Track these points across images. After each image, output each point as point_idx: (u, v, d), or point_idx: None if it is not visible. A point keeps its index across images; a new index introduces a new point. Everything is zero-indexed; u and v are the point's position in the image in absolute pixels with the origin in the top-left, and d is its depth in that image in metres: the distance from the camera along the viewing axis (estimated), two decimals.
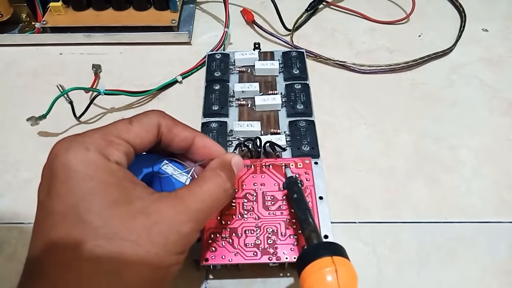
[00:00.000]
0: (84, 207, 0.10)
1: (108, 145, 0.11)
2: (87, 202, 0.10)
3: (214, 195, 0.12)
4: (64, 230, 0.10)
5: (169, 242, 0.11)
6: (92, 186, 0.11)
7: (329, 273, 0.11)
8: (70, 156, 0.11)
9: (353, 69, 0.25)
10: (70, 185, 0.11)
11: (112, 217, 0.10)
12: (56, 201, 0.11)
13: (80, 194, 0.10)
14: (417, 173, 0.20)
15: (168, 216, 0.11)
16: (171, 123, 0.13)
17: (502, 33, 0.27)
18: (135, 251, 0.10)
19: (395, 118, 0.22)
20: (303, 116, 0.20)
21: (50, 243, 0.10)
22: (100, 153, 0.11)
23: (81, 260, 0.10)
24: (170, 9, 0.26)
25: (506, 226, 0.18)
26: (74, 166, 0.11)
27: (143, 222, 0.11)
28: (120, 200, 0.11)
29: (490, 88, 0.24)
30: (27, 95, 0.24)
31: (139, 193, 0.11)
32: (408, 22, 0.28)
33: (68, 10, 0.26)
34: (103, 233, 0.10)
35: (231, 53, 0.23)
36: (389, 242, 0.17)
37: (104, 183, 0.11)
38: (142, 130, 0.12)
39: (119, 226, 0.10)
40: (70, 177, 0.11)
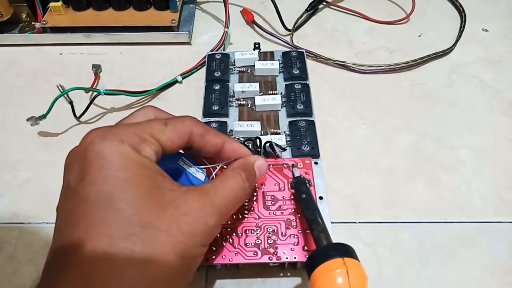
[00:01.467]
0: (119, 196, 0.11)
1: (141, 142, 0.12)
2: (121, 191, 0.11)
3: (234, 192, 0.13)
4: (98, 217, 0.10)
5: (197, 233, 0.11)
6: (126, 177, 0.11)
7: (340, 275, 0.11)
8: (105, 146, 0.11)
9: (353, 69, 0.25)
10: (104, 173, 0.11)
11: (145, 207, 0.11)
12: (90, 188, 0.11)
13: (115, 183, 0.11)
14: (417, 173, 0.20)
15: (195, 208, 0.12)
16: (203, 131, 0.14)
17: (502, 33, 0.27)
18: (166, 240, 0.11)
19: (395, 118, 0.22)
20: (303, 116, 0.20)
21: (84, 230, 0.10)
22: (133, 147, 0.11)
23: (116, 247, 0.10)
24: (170, 9, 0.26)
25: (506, 226, 0.18)
26: (109, 156, 0.11)
27: (173, 213, 0.11)
28: (152, 191, 0.11)
29: (490, 88, 0.24)
30: (27, 95, 0.24)
31: (168, 185, 0.12)
32: (408, 22, 0.28)
33: (68, 10, 0.26)
34: (137, 222, 0.10)
35: (231, 53, 0.23)
36: (389, 242, 0.17)
37: (137, 175, 0.11)
38: (175, 135, 0.13)
39: (152, 215, 0.11)
40: (105, 166, 0.11)
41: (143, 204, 0.11)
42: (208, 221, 0.12)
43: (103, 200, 0.11)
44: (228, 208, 0.13)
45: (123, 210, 0.10)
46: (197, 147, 0.14)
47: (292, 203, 0.16)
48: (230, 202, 0.13)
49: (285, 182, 0.17)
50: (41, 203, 0.19)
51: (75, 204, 0.11)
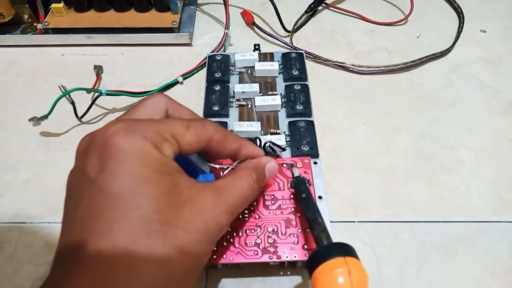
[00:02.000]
0: (140, 192, 0.11)
1: (163, 141, 0.12)
2: (143, 187, 0.11)
3: (245, 192, 0.13)
4: (120, 212, 0.10)
5: (210, 231, 0.12)
6: (148, 173, 0.11)
7: (342, 274, 0.12)
8: (128, 140, 0.11)
9: (352, 70, 0.25)
10: (126, 167, 0.11)
11: (165, 204, 0.11)
12: (111, 181, 0.10)
13: (138, 178, 0.11)
14: (417, 173, 0.20)
15: (210, 206, 0.12)
16: (223, 138, 0.14)
17: (501, 34, 0.27)
18: (183, 237, 0.11)
19: (394, 118, 0.22)
20: (303, 117, 0.21)
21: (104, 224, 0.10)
22: (155, 145, 0.11)
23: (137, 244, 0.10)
24: (171, 11, 0.27)
25: (506, 226, 0.18)
26: (132, 151, 0.11)
27: (190, 210, 0.11)
28: (171, 189, 0.11)
29: (489, 88, 0.24)
30: (28, 95, 0.24)
31: (185, 182, 0.12)
32: (406, 23, 0.28)
33: (69, 11, 0.27)
34: (157, 218, 0.10)
35: (231, 54, 0.24)
36: (389, 242, 0.18)
37: (158, 172, 0.11)
38: (195, 140, 0.13)
39: (171, 213, 0.11)
40: (127, 160, 0.11)
41: (164, 201, 0.11)
42: (221, 219, 0.12)
43: (125, 194, 0.10)
44: (238, 207, 0.13)
45: (144, 207, 0.10)
46: (215, 152, 0.14)
47: (292, 202, 0.17)
48: (240, 202, 0.13)
49: (285, 182, 0.17)
50: (41, 203, 0.19)
51: (95, 195, 0.11)
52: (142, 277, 0.10)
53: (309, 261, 0.13)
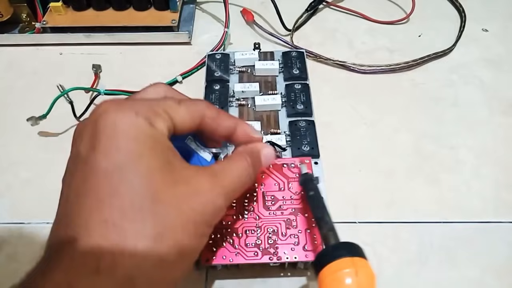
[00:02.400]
0: (131, 168, 0.10)
1: (155, 115, 0.11)
2: (134, 163, 0.10)
3: (240, 175, 0.13)
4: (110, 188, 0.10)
5: (206, 212, 0.11)
6: (140, 149, 0.10)
7: (349, 275, 0.11)
8: (119, 116, 0.11)
9: (353, 69, 0.25)
10: (117, 143, 0.10)
11: (157, 181, 0.10)
12: (101, 157, 0.10)
13: (128, 154, 0.10)
14: (417, 173, 0.20)
15: (206, 188, 0.11)
16: (216, 114, 0.13)
17: (502, 33, 0.27)
18: (177, 216, 0.10)
19: (395, 118, 0.22)
20: (303, 116, 0.20)
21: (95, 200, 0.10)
22: (148, 121, 0.11)
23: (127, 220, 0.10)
24: (170, 9, 0.26)
25: (506, 226, 0.18)
26: (123, 126, 0.11)
27: (184, 190, 0.11)
28: (164, 166, 0.11)
29: (490, 88, 0.24)
30: (27, 95, 0.24)
31: (179, 163, 0.12)
32: (408, 22, 0.28)
33: (68, 10, 0.26)
34: (149, 195, 0.10)
35: (231, 53, 0.23)
36: (389, 242, 0.17)
37: (150, 148, 0.11)
38: (188, 115, 0.12)
39: (163, 190, 0.10)
40: (118, 136, 0.10)
41: (156, 178, 0.10)
42: (217, 201, 0.12)
43: (116, 170, 0.10)
44: (234, 191, 0.13)
45: (135, 182, 0.10)
46: (209, 130, 0.13)
47: (293, 202, 0.16)
48: (236, 185, 0.13)
49: (285, 182, 0.17)
50: (41, 203, 0.19)
51: (86, 173, 0.10)
52: (134, 254, 0.10)
53: (315, 261, 0.13)
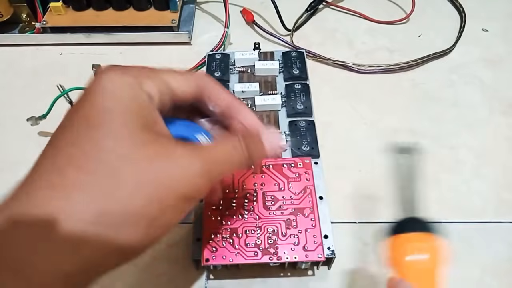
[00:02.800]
0: (98, 121, 0.10)
1: (146, 77, 0.11)
2: (102, 117, 0.10)
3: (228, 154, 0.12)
4: (70, 136, 0.10)
5: (172, 176, 0.10)
6: (114, 106, 0.10)
7: (432, 253, 0.11)
8: (105, 76, 0.11)
9: (353, 69, 0.25)
10: (93, 99, 0.10)
11: (120, 137, 0.10)
12: (75, 113, 0.11)
13: (99, 109, 0.10)
14: (417, 173, 0.20)
15: (176, 153, 0.11)
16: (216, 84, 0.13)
17: (502, 33, 0.27)
18: (132, 173, 0.10)
19: (395, 118, 0.22)
20: (303, 116, 0.20)
21: (53, 149, 0.10)
22: (135, 79, 0.11)
23: (74, 167, 0.10)
24: (170, 9, 0.26)
25: (506, 226, 0.18)
26: (105, 84, 0.11)
27: (150, 150, 0.10)
28: (135, 125, 0.10)
29: (490, 88, 0.24)
30: (27, 95, 0.24)
31: (157, 128, 0.11)
32: (408, 22, 0.28)
33: (68, 10, 0.26)
34: (105, 147, 0.10)
35: (231, 53, 0.23)
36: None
37: (126, 105, 0.10)
38: (184, 80, 0.12)
39: (124, 146, 0.10)
40: (96, 94, 0.10)
41: (120, 134, 0.10)
42: (189, 167, 0.11)
43: (81, 123, 0.10)
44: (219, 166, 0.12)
45: (95, 135, 0.10)
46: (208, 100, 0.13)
47: (292, 202, 0.16)
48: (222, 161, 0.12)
49: (285, 182, 0.17)
50: None
51: (59, 128, 0.11)
52: (68, 201, 0.09)
53: (403, 222, 0.13)
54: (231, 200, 0.16)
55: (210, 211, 0.16)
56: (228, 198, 0.16)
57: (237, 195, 0.17)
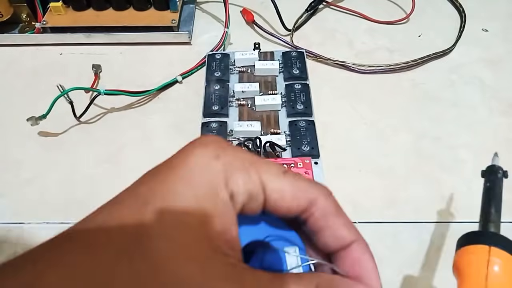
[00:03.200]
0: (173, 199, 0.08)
1: (239, 170, 0.08)
2: (177, 198, 0.08)
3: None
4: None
5: None
6: (188, 196, 0.08)
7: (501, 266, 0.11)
8: (196, 151, 0.08)
9: (353, 69, 0.25)
10: (174, 176, 0.08)
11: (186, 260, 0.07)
12: (158, 183, 0.08)
13: (163, 198, 0.08)
14: (417, 173, 0.20)
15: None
16: (331, 210, 0.09)
17: (502, 33, 0.27)
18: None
19: (395, 118, 0.22)
20: (303, 116, 0.20)
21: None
22: (224, 170, 0.08)
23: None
24: (170, 9, 0.26)
25: (506, 226, 0.18)
26: (190, 164, 0.08)
27: (229, 285, 0.07)
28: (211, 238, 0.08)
29: (490, 88, 0.24)
30: (27, 95, 0.24)
31: (230, 247, 0.08)
32: (408, 22, 0.28)
33: (68, 10, 0.26)
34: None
35: (231, 53, 0.23)
36: (389, 242, 0.17)
37: (201, 201, 0.08)
38: (290, 190, 0.09)
39: (193, 272, 0.07)
40: (178, 169, 0.08)
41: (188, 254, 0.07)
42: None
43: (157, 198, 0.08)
44: None
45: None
46: (313, 227, 0.09)
47: None
48: None
49: None
50: (41, 203, 0.19)
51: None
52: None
53: (477, 233, 0.12)
54: None
55: None
56: None
57: None
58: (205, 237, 0.08)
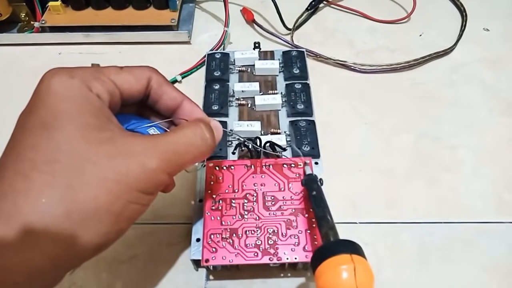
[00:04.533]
0: (54, 124, 0.11)
1: (94, 79, 0.12)
2: (58, 120, 0.11)
3: (190, 140, 0.12)
4: (29, 142, 0.11)
5: (131, 173, 0.11)
6: (68, 108, 0.11)
7: (347, 270, 0.11)
8: (54, 80, 0.11)
9: (354, 68, 0.24)
10: (46, 103, 0.11)
11: (78, 138, 0.11)
12: (30, 117, 0.11)
13: (54, 112, 0.11)
14: (417, 173, 0.20)
15: (134, 149, 0.11)
16: (162, 81, 0.13)
17: (503, 33, 0.27)
18: (93, 173, 0.10)
19: (396, 117, 0.22)
20: (304, 116, 0.20)
21: (13, 153, 0.11)
22: (84, 83, 0.11)
23: (37, 171, 0.10)
24: (169, 8, 0.26)
25: (506, 226, 0.18)
26: (55, 87, 0.11)
27: (108, 149, 0.11)
28: (91, 126, 0.11)
29: (490, 87, 0.24)
30: (26, 94, 0.24)
31: (112, 127, 0.11)
32: (409, 21, 0.28)
33: (67, 10, 0.26)
34: (65, 149, 0.10)
35: (231, 53, 0.23)
36: (389, 242, 0.17)
37: (79, 107, 0.11)
38: (132, 77, 0.12)
39: (83, 147, 0.11)
40: (48, 97, 0.11)
41: (77, 135, 0.11)
42: (147, 163, 0.11)
43: (38, 127, 0.11)
44: (180, 156, 0.12)
45: (54, 138, 0.10)
46: (154, 97, 0.13)
47: (293, 203, 0.16)
48: (183, 150, 0.12)
49: (285, 182, 0.17)
50: None
51: (15, 132, 0.11)
52: (38, 202, 0.10)
53: (314, 256, 0.13)
54: (231, 200, 0.16)
55: (209, 211, 0.16)
56: (228, 198, 0.16)
57: (237, 195, 0.17)
58: (96, 127, 0.11)
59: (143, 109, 0.14)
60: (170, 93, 0.13)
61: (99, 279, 0.16)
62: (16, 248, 0.09)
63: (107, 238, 0.11)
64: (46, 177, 0.10)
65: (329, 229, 0.13)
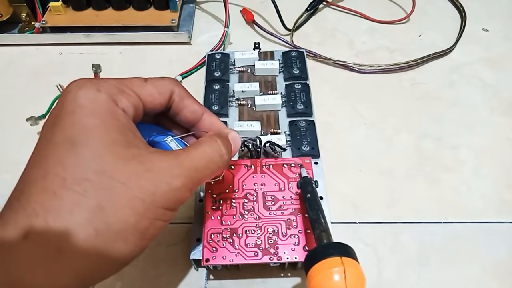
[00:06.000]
0: (81, 140, 0.10)
1: (119, 93, 0.12)
2: (85, 136, 0.11)
3: (208, 156, 0.12)
4: (56, 158, 0.10)
5: (158, 191, 0.11)
6: (95, 123, 0.11)
7: (337, 273, 0.11)
8: (81, 93, 0.11)
9: (353, 69, 0.24)
10: (73, 118, 0.11)
11: (106, 156, 0.11)
12: (57, 131, 0.11)
13: (81, 128, 0.11)
14: (418, 173, 0.20)
15: (160, 167, 0.11)
16: (184, 93, 0.13)
17: (503, 33, 0.27)
18: (122, 192, 0.10)
19: (396, 118, 0.22)
20: (303, 116, 0.20)
21: (42, 170, 0.10)
22: (110, 97, 0.11)
23: (67, 189, 0.10)
24: (170, 9, 0.26)
25: (507, 226, 0.18)
26: (82, 102, 0.11)
27: (135, 167, 0.11)
28: (118, 142, 0.11)
29: (490, 88, 0.24)
30: (26, 95, 0.24)
31: (137, 142, 0.11)
32: (408, 21, 0.28)
33: (67, 10, 0.26)
34: (93, 168, 0.10)
35: (231, 53, 0.23)
36: (389, 242, 0.17)
37: (106, 123, 0.11)
38: (155, 91, 0.13)
39: (111, 164, 0.11)
40: (75, 111, 0.11)
41: (105, 152, 0.10)
42: (172, 182, 0.11)
43: (66, 142, 0.10)
44: (201, 172, 0.12)
45: (82, 155, 0.10)
46: (175, 109, 0.13)
47: (293, 203, 0.16)
48: (203, 167, 0.12)
49: (285, 182, 0.17)
50: None
51: (41, 146, 0.11)
52: (69, 220, 0.10)
53: (306, 259, 0.13)
54: (231, 200, 0.16)
55: (210, 211, 0.16)
56: (228, 198, 0.16)
57: (237, 195, 0.17)
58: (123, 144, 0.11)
59: (160, 117, 0.14)
60: (191, 106, 0.14)
61: None
62: (46, 266, 0.10)
63: (132, 256, 0.11)
64: (76, 196, 0.10)
65: (322, 232, 0.13)
